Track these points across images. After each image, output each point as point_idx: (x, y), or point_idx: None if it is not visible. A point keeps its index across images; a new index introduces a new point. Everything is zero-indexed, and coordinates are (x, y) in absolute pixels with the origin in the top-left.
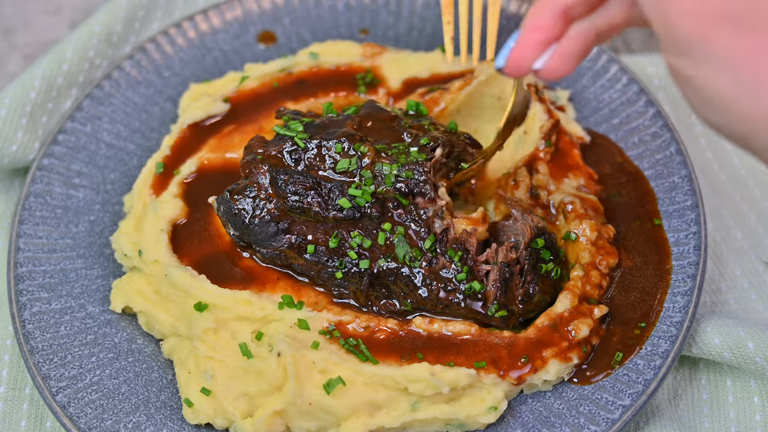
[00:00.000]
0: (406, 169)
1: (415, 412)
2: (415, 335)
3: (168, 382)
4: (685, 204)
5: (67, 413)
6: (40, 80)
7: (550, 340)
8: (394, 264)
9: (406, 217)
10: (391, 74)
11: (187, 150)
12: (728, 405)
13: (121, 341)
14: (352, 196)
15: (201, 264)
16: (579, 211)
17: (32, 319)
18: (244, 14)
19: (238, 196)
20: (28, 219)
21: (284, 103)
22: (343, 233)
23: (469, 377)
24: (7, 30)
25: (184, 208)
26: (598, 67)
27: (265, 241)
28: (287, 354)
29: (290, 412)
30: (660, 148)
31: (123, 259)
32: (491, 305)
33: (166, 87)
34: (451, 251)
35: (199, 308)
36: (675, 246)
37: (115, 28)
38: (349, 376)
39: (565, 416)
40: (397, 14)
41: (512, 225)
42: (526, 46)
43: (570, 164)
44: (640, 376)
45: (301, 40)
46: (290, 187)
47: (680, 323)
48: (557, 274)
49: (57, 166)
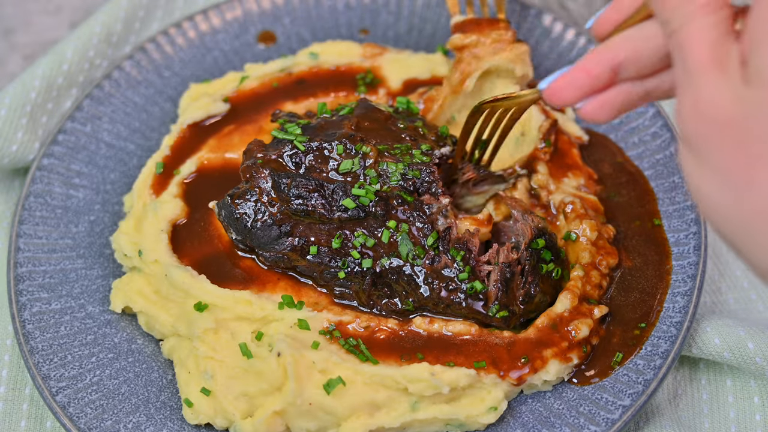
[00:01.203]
0: (413, 169)
1: (415, 412)
2: (415, 335)
3: (168, 382)
4: (685, 204)
5: (67, 413)
6: (40, 80)
7: (550, 340)
8: (396, 262)
9: (411, 213)
10: (392, 75)
11: (187, 150)
12: (728, 405)
13: (121, 341)
14: (355, 196)
15: (201, 264)
16: (579, 211)
17: (32, 319)
18: (244, 14)
19: (239, 200)
20: (28, 219)
21: (284, 103)
22: (346, 233)
23: (469, 377)
24: (7, 30)
25: (184, 208)
26: None
27: (268, 244)
28: (287, 354)
29: (290, 412)
30: (660, 148)
31: (123, 259)
32: (492, 305)
33: (166, 87)
34: (453, 251)
35: (199, 308)
36: (675, 246)
37: (115, 28)
38: (349, 376)
39: (565, 416)
40: (397, 14)
41: (513, 225)
42: (568, 83)
43: (569, 164)
44: (640, 376)
45: (301, 40)
46: (293, 191)
47: (680, 323)
48: (558, 275)
49: (57, 166)
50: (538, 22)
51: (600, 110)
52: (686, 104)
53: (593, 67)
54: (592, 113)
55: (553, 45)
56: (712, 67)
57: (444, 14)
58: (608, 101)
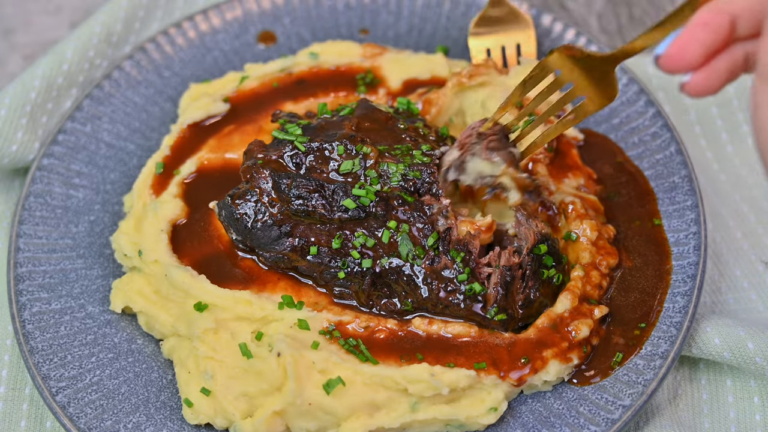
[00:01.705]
0: (413, 170)
1: (415, 412)
2: (414, 336)
3: (168, 382)
4: (685, 204)
5: (67, 413)
6: (40, 80)
7: (550, 341)
8: (396, 262)
9: (411, 214)
10: (392, 75)
11: (187, 150)
12: (728, 405)
13: (121, 341)
14: (356, 196)
15: (201, 264)
16: (579, 211)
17: (32, 319)
18: (244, 14)
19: (240, 200)
20: (28, 219)
21: (284, 103)
22: (346, 233)
23: (468, 378)
24: (7, 30)
25: (184, 208)
26: None
27: (268, 244)
28: (287, 354)
29: (290, 412)
30: (660, 148)
31: (123, 259)
32: (491, 308)
33: (166, 87)
34: (453, 252)
35: (199, 308)
36: (675, 246)
37: (115, 28)
38: (349, 376)
39: (565, 416)
40: (397, 14)
41: (516, 228)
42: (688, 41)
43: (569, 164)
44: (640, 376)
45: (301, 40)
46: (294, 191)
47: (680, 323)
48: (558, 280)
49: (57, 166)
50: (538, 22)
51: (707, 81)
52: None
53: (713, 19)
54: (701, 85)
55: (553, 45)
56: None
57: (444, 14)
58: (715, 70)
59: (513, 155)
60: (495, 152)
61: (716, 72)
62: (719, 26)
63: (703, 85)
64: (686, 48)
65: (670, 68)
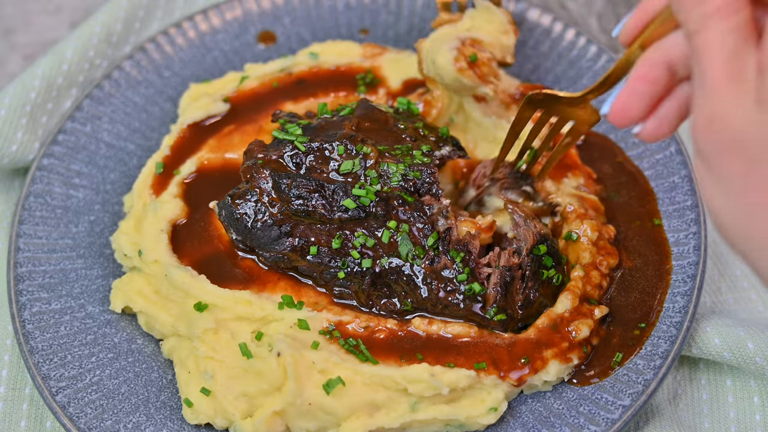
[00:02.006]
0: (413, 170)
1: (415, 412)
2: (414, 336)
3: (168, 382)
4: (685, 204)
5: (67, 413)
6: (40, 80)
7: (550, 341)
8: (396, 262)
9: (411, 214)
10: (392, 75)
11: (187, 150)
12: (728, 405)
13: (121, 341)
14: (356, 196)
15: (201, 264)
16: (580, 211)
17: (32, 319)
18: (244, 14)
19: (240, 200)
20: (28, 219)
21: (284, 103)
22: (346, 233)
23: (468, 378)
24: (7, 30)
25: (184, 208)
26: (598, 67)
27: (268, 244)
28: (287, 354)
29: (290, 412)
30: (660, 148)
31: (123, 259)
32: (490, 308)
33: (166, 87)
34: (453, 252)
35: (199, 308)
36: (675, 246)
37: (115, 28)
38: (349, 376)
39: (565, 416)
40: (397, 14)
41: (514, 230)
42: (629, 96)
43: (569, 164)
44: (640, 376)
45: (301, 40)
46: (294, 191)
47: (680, 323)
48: (558, 281)
49: (57, 166)
50: (538, 22)
51: (659, 128)
52: (700, 117)
53: (649, 71)
54: (653, 131)
55: (553, 45)
56: (726, 83)
57: None
58: (665, 116)
59: (528, 193)
60: (510, 191)
61: (666, 117)
62: (657, 77)
63: (655, 131)
64: (629, 104)
65: (618, 124)
